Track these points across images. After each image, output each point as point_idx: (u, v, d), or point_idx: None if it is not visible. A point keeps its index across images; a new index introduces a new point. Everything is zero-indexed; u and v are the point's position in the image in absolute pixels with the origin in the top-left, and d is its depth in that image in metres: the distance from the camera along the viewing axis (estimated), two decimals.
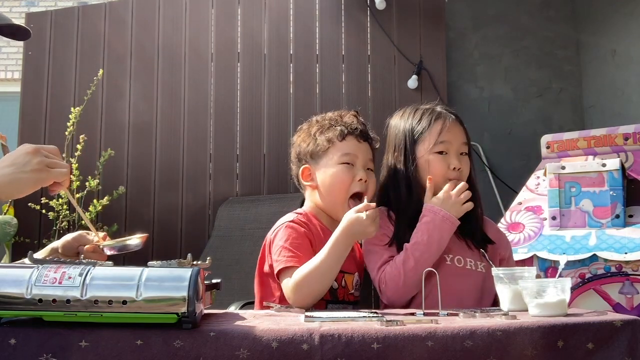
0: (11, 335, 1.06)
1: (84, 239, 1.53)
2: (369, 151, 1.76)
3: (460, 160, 1.72)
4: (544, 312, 1.29)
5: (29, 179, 1.31)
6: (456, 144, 1.73)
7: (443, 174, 1.71)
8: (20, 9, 7.17)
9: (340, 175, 1.69)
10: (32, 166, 1.31)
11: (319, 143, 1.73)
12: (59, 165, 1.34)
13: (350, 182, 1.69)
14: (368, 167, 1.75)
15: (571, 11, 4.32)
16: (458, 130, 1.75)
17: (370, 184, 1.73)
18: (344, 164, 1.70)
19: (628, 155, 2.74)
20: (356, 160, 1.72)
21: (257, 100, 3.97)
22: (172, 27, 4.03)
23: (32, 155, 1.31)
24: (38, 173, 1.31)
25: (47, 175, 1.33)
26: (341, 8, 4.07)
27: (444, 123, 1.73)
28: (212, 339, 1.08)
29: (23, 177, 1.30)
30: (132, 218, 3.80)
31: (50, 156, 1.34)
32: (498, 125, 4.18)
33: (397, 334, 1.10)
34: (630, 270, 2.40)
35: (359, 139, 1.74)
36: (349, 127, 1.74)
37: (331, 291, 1.63)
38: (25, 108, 3.96)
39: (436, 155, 1.71)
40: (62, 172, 1.35)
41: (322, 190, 1.73)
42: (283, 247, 1.62)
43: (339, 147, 1.71)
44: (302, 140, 1.79)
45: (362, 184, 1.69)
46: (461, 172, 1.72)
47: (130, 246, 1.47)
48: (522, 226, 2.73)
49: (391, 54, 4.04)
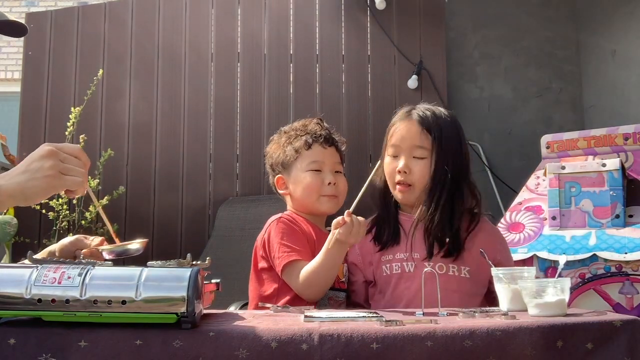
0: (10, 335, 1.06)
1: (81, 243, 1.52)
2: (335, 155, 1.88)
3: (411, 164, 1.77)
4: (543, 312, 1.28)
5: (39, 186, 1.22)
6: (405, 147, 1.79)
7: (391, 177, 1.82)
8: (20, 9, 7.18)
9: (310, 181, 1.82)
10: (44, 172, 1.22)
11: (287, 153, 1.86)
12: (73, 172, 1.25)
13: (320, 185, 1.82)
14: (336, 169, 1.87)
15: (571, 11, 4.32)
16: (407, 131, 1.81)
17: (340, 184, 1.86)
18: (312, 171, 1.83)
19: (628, 155, 2.74)
20: (323, 166, 1.84)
21: (257, 100, 3.97)
22: (172, 27, 4.03)
23: (45, 160, 1.23)
24: (50, 180, 1.23)
25: (59, 182, 1.25)
26: (341, 8, 4.07)
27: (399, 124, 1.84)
28: (211, 339, 1.08)
29: (34, 184, 1.22)
30: (132, 218, 3.80)
31: (67, 159, 1.25)
32: (498, 125, 4.18)
33: (396, 334, 1.10)
34: (630, 270, 2.40)
35: (324, 145, 1.85)
36: (314, 135, 1.85)
37: None
38: (25, 108, 3.96)
39: (388, 159, 1.83)
40: (75, 181, 1.25)
41: (295, 197, 1.86)
42: (280, 243, 1.73)
43: (306, 155, 1.84)
44: (273, 151, 1.92)
45: (332, 187, 1.83)
46: (407, 176, 1.77)
47: (130, 251, 1.45)
48: (522, 226, 2.73)
49: (391, 54, 4.04)
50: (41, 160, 1.23)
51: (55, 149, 1.24)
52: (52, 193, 1.27)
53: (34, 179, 1.22)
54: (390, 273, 1.74)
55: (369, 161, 3.99)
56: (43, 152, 1.24)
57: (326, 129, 1.90)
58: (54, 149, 1.24)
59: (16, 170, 1.24)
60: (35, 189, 1.22)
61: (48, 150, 1.24)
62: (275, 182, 1.91)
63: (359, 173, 3.98)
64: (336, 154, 1.89)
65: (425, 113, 1.80)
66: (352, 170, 3.98)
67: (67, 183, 1.25)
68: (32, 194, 1.23)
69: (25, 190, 1.22)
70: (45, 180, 1.22)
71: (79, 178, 1.26)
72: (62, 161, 1.25)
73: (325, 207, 1.84)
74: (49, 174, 1.22)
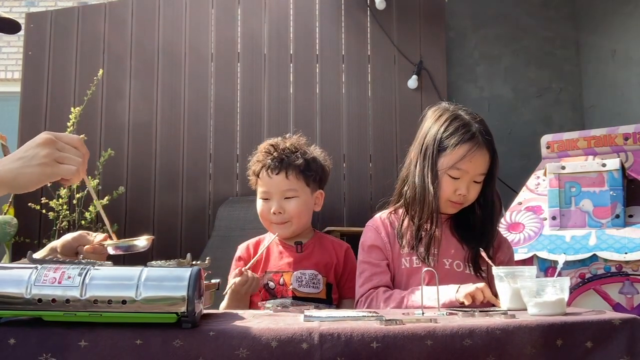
0: (10, 335, 1.05)
1: (83, 239, 1.50)
2: (283, 182, 1.88)
3: (470, 188, 1.73)
4: (542, 311, 1.29)
5: (32, 173, 1.20)
6: (472, 174, 1.72)
7: (448, 196, 1.73)
8: (20, 9, 7.18)
9: (261, 209, 1.92)
10: (38, 160, 1.20)
11: (252, 178, 1.96)
12: (69, 161, 1.23)
13: (268, 213, 1.89)
14: (286, 196, 1.89)
15: (571, 11, 4.32)
16: (480, 159, 1.72)
17: (290, 210, 1.88)
18: (262, 199, 1.92)
19: (628, 155, 2.74)
20: (270, 194, 1.89)
21: (257, 100, 3.98)
22: (172, 27, 4.03)
23: (42, 148, 1.20)
24: (44, 167, 1.20)
25: (53, 170, 1.22)
26: (341, 8, 4.07)
27: (469, 150, 1.71)
28: (211, 339, 1.08)
29: (28, 171, 1.20)
30: (132, 218, 3.80)
31: (65, 148, 1.23)
32: (498, 125, 4.17)
33: (396, 333, 1.10)
34: (630, 270, 2.40)
35: (270, 174, 1.89)
36: (262, 163, 1.92)
37: (268, 290, 1.86)
38: (25, 108, 3.96)
39: (448, 178, 1.72)
40: (70, 169, 1.23)
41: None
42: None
43: (259, 183, 1.93)
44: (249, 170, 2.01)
45: (277, 216, 1.88)
46: (465, 198, 1.73)
47: (136, 247, 1.42)
48: (522, 226, 2.73)
49: (391, 54, 4.04)
50: (37, 147, 1.21)
51: (53, 137, 1.23)
52: (46, 181, 1.25)
53: (28, 166, 1.20)
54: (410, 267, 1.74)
55: (369, 161, 3.99)
56: (40, 140, 1.22)
57: (275, 156, 1.89)
58: (52, 137, 1.22)
59: (12, 157, 1.22)
60: (29, 175, 1.20)
61: (45, 138, 1.22)
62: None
63: (359, 173, 3.99)
64: (286, 180, 1.87)
65: (488, 137, 1.76)
66: (352, 170, 3.99)
67: (62, 171, 1.23)
68: (26, 181, 1.21)
69: (18, 177, 1.20)
70: (39, 167, 1.20)
71: (73, 167, 1.23)
72: (59, 150, 1.22)
73: (276, 232, 1.89)
74: (44, 162, 1.20)
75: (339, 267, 1.91)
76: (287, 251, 1.91)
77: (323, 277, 1.88)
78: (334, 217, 3.83)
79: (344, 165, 3.97)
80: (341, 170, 3.95)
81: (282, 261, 1.90)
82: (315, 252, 1.93)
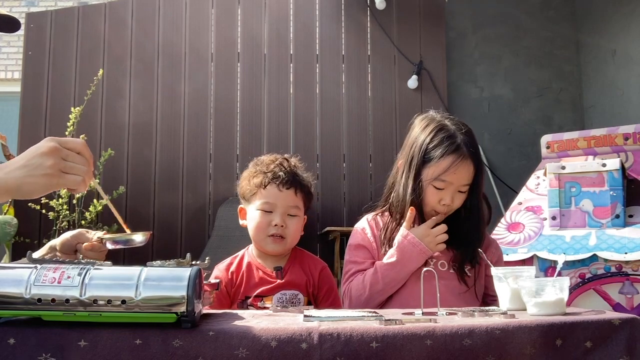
0: (10, 335, 1.05)
1: (83, 236, 1.50)
2: (291, 198, 1.85)
3: (455, 197, 1.76)
4: (542, 311, 1.29)
5: (37, 183, 1.17)
6: (456, 185, 1.74)
7: (432, 205, 1.76)
8: (20, 9, 7.18)
9: (259, 220, 1.84)
10: (43, 170, 1.17)
11: (250, 187, 1.88)
12: (75, 170, 1.20)
13: (267, 226, 1.82)
14: (289, 213, 1.85)
15: (571, 11, 4.32)
16: (464, 171, 1.74)
17: (291, 228, 1.84)
18: (262, 211, 1.84)
19: (628, 155, 2.74)
20: (275, 207, 1.84)
21: (257, 100, 3.98)
22: (172, 27, 4.03)
23: (46, 157, 1.17)
24: (49, 178, 1.18)
25: (59, 181, 1.19)
26: (341, 8, 4.07)
27: (454, 162, 1.72)
28: (211, 339, 1.08)
29: (32, 181, 1.17)
30: (132, 218, 3.80)
31: (69, 156, 1.20)
32: (498, 125, 4.18)
33: (395, 333, 1.10)
34: (630, 270, 2.40)
35: (280, 188, 1.84)
36: (272, 175, 1.85)
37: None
38: (25, 108, 3.96)
39: (432, 188, 1.75)
40: (76, 180, 1.20)
41: (249, 229, 1.89)
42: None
43: (261, 194, 1.85)
44: (242, 179, 1.93)
45: (278, 228, 1.82)
46: (450, 207, 1.76)
47: (134, 241, 1.40)
48: (522, 226, 2.73)
49: (391, 54, 4.04)
50: (42, 157, 1.18)
51: (58, 145, 1.20)
52: (50, 191, 1.23)
53: (33, 175, 1.17)
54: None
55: (369, 161, 3.99)
56: (45, 149, 1.19)
57: (288, 171, 1.86)
58: (57, 145, 1.19)
59: (15, 164, 1.19)
60: (33, 185, 1.18)
61: (50, 147, 1.19)
62: (239, 211, 1.94)
63: (359, 173, 3.99)
64: (293, 197, 1.85)
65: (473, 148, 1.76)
66: (352, 170, 3.99)
67: (67, 182, 1.21)
68: (30, 191, 1.19)
69: (22, 186, 1.18)
70: (44, 178, 1.18)
71: (79, 177, 1.21)
72: (64, 158, 1.20)
73: (270, 248, 1.83)
74: (49, 173, 1.18)
75: (314, 288, 1.89)
76: (267, 277, 1.85)
77: (304, 297, 1.86)
78: (334, 217, 3.83)
79: (344, 165, 3.97)
80: (341, 170, 3.95)
81: (263, 287, 1.84)
82: (295, 271, 1.89)
